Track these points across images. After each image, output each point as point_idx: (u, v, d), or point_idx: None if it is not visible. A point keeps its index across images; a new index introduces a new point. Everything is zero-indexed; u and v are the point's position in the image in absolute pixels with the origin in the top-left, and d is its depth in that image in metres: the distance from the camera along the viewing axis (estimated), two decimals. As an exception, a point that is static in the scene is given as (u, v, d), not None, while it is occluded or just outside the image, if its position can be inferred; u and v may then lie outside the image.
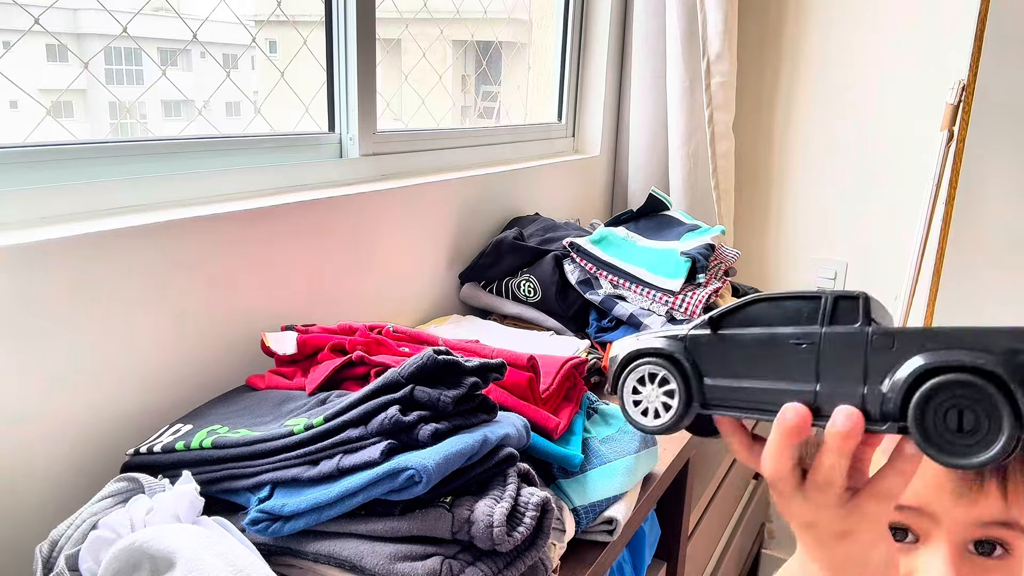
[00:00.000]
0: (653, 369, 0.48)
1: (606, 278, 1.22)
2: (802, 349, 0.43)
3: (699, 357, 0.47)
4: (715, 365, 0.46)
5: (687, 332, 0.48)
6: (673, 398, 0.47)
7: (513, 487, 0.65)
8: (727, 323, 0.47)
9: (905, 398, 0.40)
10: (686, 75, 1.70)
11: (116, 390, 0.80)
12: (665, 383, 0.48)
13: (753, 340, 0.45)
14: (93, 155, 0.83)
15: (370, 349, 0.83)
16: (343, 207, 1.06)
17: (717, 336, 0.47)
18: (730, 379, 0.46)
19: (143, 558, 0.53)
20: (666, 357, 0.48)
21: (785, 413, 0.42)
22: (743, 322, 0.46)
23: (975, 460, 0.38)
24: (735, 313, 0.46)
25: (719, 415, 0.47)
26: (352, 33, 1.11)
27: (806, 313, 0.44)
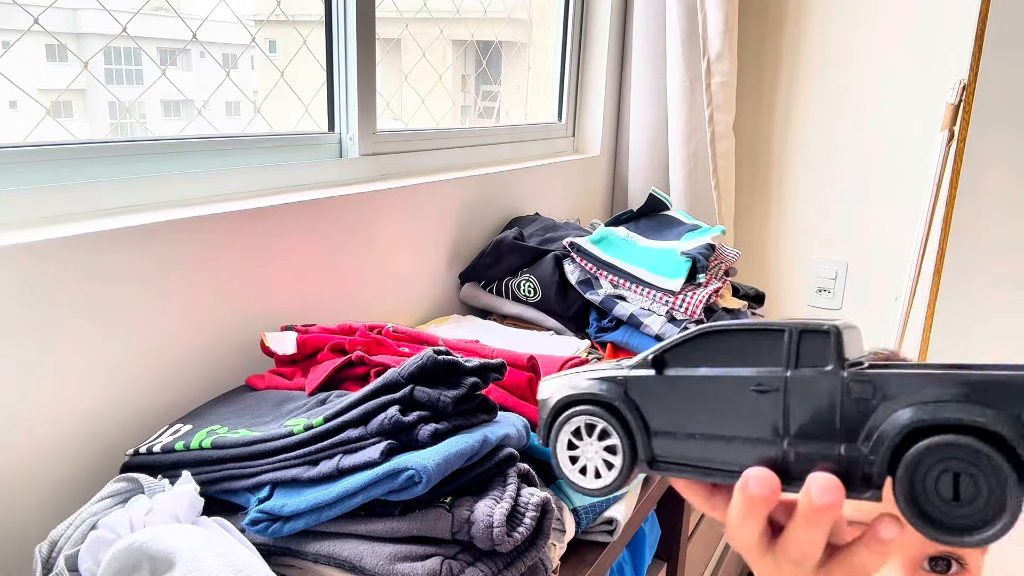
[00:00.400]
0: (590, 420, 0.41)
1: (606, 278, 1.22)
2: (764, 397, 0.36)
3: (643, 404, 0.40)
4: (662, 414, 0.39)
5: (626, 373, 0.40)
6: (615, 455, 0.40)
7: (513, 487, 0.65)
8: (674, 361, 0.39)
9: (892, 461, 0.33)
10: (686, 75, 1.70)
11: (116, 390, 0.80)
12: (605, 436, 0.40)
13: (706, 383, 0.38)
14: (93, 155, 0.83)
15: (370, 349, 0.83)
16: (343, 207, 1.06)
17: (662, 378, 0.39)
18: (682, 431, 0.38)
19: (142, 558, 0.53)
20: (604, 405, 0.40)
21: (748, 481, 0.36)
22: (692, 360, 0.39)
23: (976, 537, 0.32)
24: (682, 349, 0.39)
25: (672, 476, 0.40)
26: (352, 33, 1.11)
27: (767, 350, 0.37)
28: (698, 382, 0.38)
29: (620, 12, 1.80)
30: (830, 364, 0.35)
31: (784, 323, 0.37)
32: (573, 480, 0.42)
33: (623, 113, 1.88)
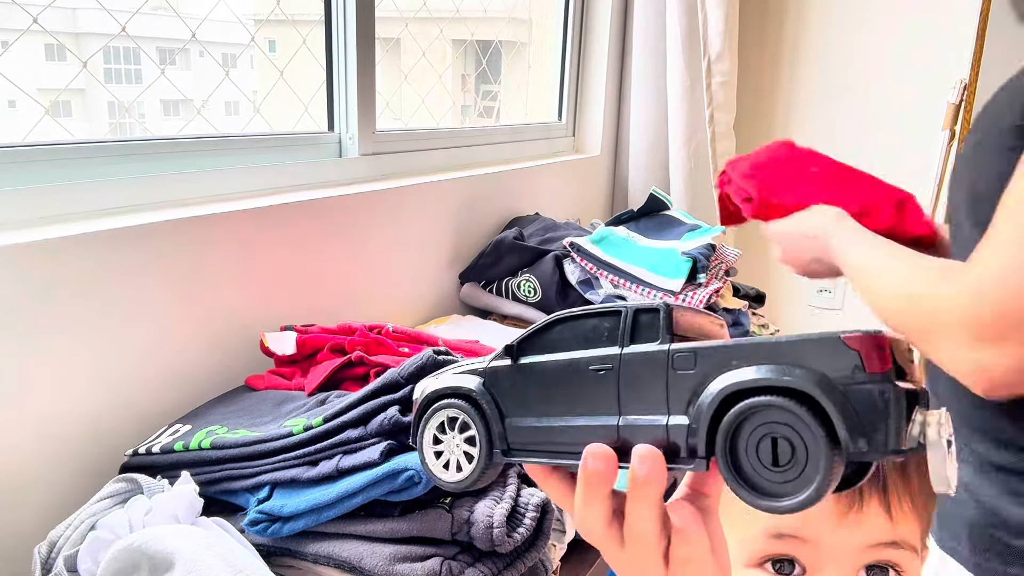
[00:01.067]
0: (452, 413, 0.41)
1: (606, 278, 1.22)
2: (602, 376, 0.37)
3: (499, 394, 0.40)
4: (516, 401, 0.39)
5: (486, 365, 0.41)
6: (474, 446, 0.40)
7: (513, 488, 0.65)
8: (529, 350, 0.39)
9: (711, 428, 0.33)
10: (686, 75, 1.70)
11: (115, 390, 0.79)
12: (466, 428, 0.40)
13: (553, 368, 0.38)
14: (92, 155, 0.83)
15: (370, 349, 0.83)
16: (342, 207, 1.05)
17: (517, 366, 0.39)
18: (532, 418, 0.39)
19: (142, 559, 0.53)
20: (463, 397, 0.41)
21: (586, 458, 0.35)
22: (544, 348, 0.39)
23: (793, 500, 0.31)
24: (536, 338, 0.39)
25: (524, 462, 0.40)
26: (351, 32, 1.10)
27: (607, 332, 0.37)
28: (546, 367, 0.38)
29: (620, 12, 1.80)
30: (659, 338, 0.36)
31: (621, 305, 0.37)
32: (435, 475, 0.41)
33: (623, 113, 1.88)
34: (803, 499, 0.31)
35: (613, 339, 0.37)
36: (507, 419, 0.40)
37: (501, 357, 0.40)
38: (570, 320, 0.39)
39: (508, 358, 0.40)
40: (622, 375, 0.36)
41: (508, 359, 0.40)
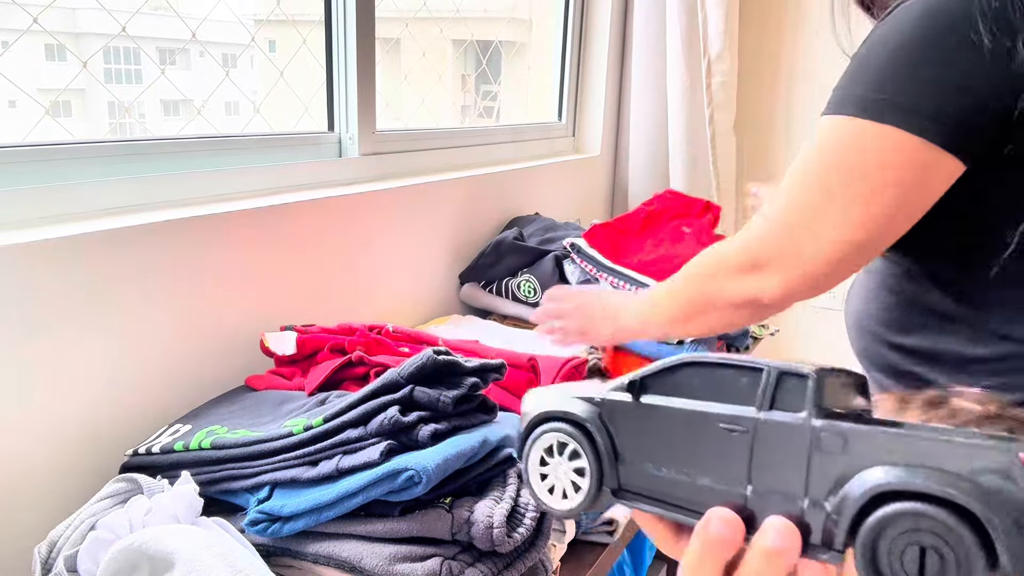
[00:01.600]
0: (562, 438, 0.40)
1: (605, 280, 1.22)
2: (734, 436, 0.34)
3: (616, 429, 0.38)
4: (633, 442, 0.38)
5: (604, 396, 0.39)
6: (583, 477, 0.39)
7: (513, 488, 0.65)
8: (652, 388, 0.38)
9: (854, 524, 0.31)
10: (686, 75, 1.70)
11: (115, 390, 0.79)
12: (576, 457, 0.39)
13: (678, 416, 0.36)
14: (92, 155, 0.83)
15: (370, 349, 0.83)
16: (342, 207, 1.05)
17: (637, 405, 0.38)
18: (649, 463, 0.37)
19: (142, 559, 0.53)
20: (577, 425, 0.39)
21: (710, 522, 0.34)
22: (670, 389, 0.37)
23: None
24: (660, 377, 0.38)
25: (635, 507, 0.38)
26: (352, 32, 1.10)
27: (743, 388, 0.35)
28: (671, 414, 0.37)
29: (620, 12, 1.80)
30: (804, 411, 0.33)
31: (764, 362, 0.35)
32: (540, 498, 0.40)
33: (623, 113, 1.88)
34: None
35: (749, 398, 0.34)
36: (621, 457, 0.38)
37: (620, 390, 0.38)
38: (701, 366, 0.36)
39: (628, 393, 0.38)
40: (757, 441, 0.34)
41: (628, 394, 0.38)
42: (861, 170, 0.66)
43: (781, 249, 0.71)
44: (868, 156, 0.65)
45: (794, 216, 0.70)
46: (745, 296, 0.75)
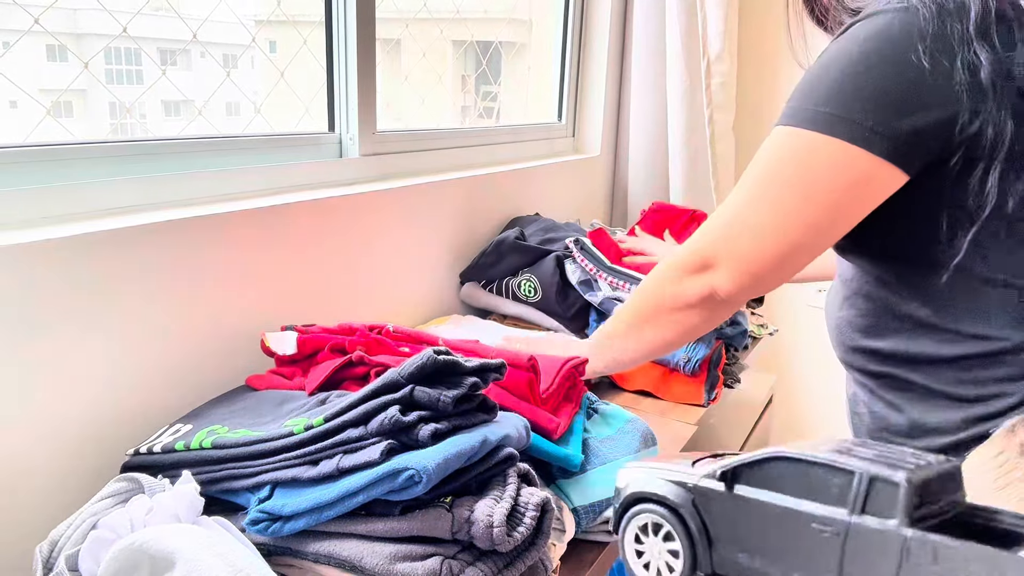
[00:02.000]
0: (656, 520, 0.41)
1: (605, 280, 1.22)
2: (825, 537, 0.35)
3: (709, 517, 0.40)
4: (726, 530, 0.39)
5: (697, 482, 0.40)
6: (677, 559, 0.40)
7: (513, 487, 0.65)
8: (744, 479, 0.39)
9: None
10: (686, 75, 1.70)
11: (116, 390, 0.80)
12: (669, 539, 0.41)
13: (771, 510, 0.37)
14: (93, 155, 0.83)
15: (370, 349, 0.83)
16: (343, 207, 1.06)
17: (731, 496, 0.39)
18: (742, 552, 0.38)
19: (143, 558, 0.53)
20: (671, 510, 0.41)
21: None
22: (761, 482, 0.38)
23: None
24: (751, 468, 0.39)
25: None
26: (352, 33, 1.11)
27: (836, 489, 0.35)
28: (764, 508, 0.37)
29: (620, 12, 1.80)
30: (895, 518, 0.33)
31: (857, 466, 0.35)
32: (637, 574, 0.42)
33: (623, 113, 1.88)
34: None
35: (841, 499, 0.35)
36: (715, 545, 0.39)
37: (712, 478, 0.40)
38: (793, 461, 0.37)
39: (721, 482, 0.39)
40: (848, 544, 0.34)
41: (720, 483, 0.39)
42: (802, 177, 0.70)
43: (727, 249, 0.76)
44: (811, 165, 0.70)
45: (738, 219, 0.76)
46: (700, 292, 0.79)
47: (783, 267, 0.75)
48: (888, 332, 0.78)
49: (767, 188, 0.73)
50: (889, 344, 0.78)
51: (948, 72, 0.64)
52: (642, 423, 0.91)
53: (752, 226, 0.74)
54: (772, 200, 0.73)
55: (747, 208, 0.75)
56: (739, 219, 0.76)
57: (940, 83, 0.64)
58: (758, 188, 0.74)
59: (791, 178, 0.71)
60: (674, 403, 1.14)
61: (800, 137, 0.71)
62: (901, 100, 0.65)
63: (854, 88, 0.67)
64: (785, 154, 0.72)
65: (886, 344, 0.78)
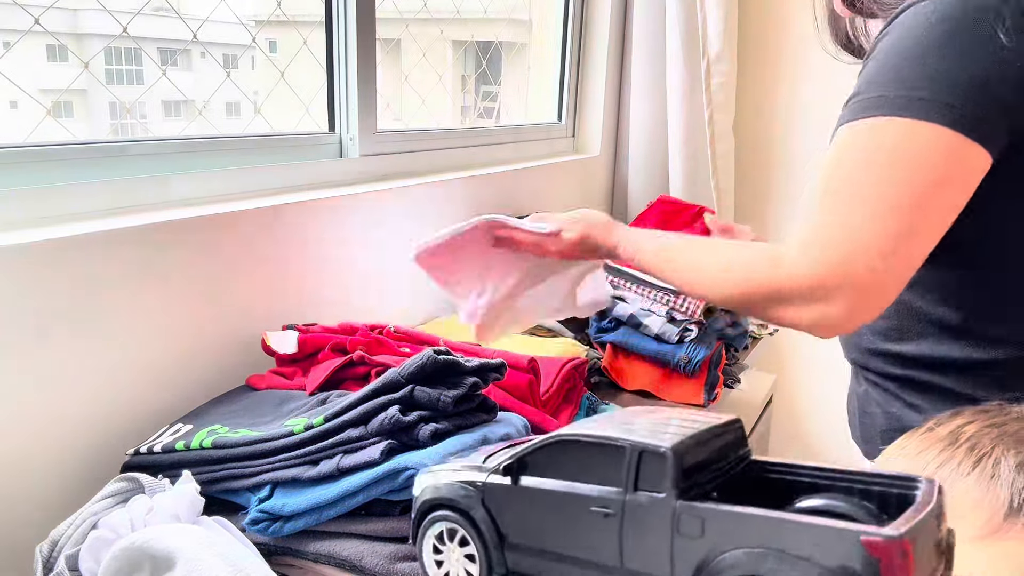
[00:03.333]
0: (450, 525, 0.39)
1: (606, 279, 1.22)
2: (605, 520, 0.33)
3: (498, 514, 0.37)
4: (516, 525, 0.37)
5: (485, 479, 0.38)
6: (474, 563, 0.38)
7: (513, 487, 0.65)
8: (528, 470, 0.37)
9: None
10: (686, 75, 1.70)
11: (116, 390, 0.80)
12: (465, 544, 0.39)
13: (553, 499, 0.36)
14: (93, 155, 0.83)
15: (371, 349, 0.83)
16: (343, 207, 1.06)
17: (516, 488, 0.37)
18: (534, 548, 0.36)
19: (143, 558, 0.53)
20: (462, 512, 0.39)
21: None
22: (544, 469, 0.36)
23: None
24: (536, 457, 0.37)
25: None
26: (352, 33, 1.11)
27: (611, 468, 0.34)
28: (547, 496, 0.36)
29: (620, 12, 1.80)
30: (664, 491, 0.32)
31: (626, 440, 0.33)
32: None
33: (623, 113, 1.88)
34: None
35: (616, 477, 0.33)
36: (507, 542, 0.37)
37: (499, 472, 0.38)
38: (571, 444, 0.36)
39: (507, 475, 0.38)
40: (625, 524, 0.33)
41: (506, 477, 0.38)
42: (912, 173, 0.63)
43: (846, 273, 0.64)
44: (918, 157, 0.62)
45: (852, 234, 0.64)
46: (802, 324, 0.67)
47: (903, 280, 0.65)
48: (912, 336, 0.76)
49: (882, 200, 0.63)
50: (913, 348, 0.76)
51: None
52: (642, 423, 0.91)
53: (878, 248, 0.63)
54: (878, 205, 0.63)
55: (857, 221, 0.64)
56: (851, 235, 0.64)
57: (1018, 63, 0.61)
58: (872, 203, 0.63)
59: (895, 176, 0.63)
60: (674, 403, 1.14)
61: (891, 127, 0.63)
62: (987, 80, 0.61)
63: (933, 69, 0.62)
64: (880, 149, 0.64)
65: (909, 348, 0.76)
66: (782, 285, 0.68)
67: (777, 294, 0.68)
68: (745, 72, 1.90)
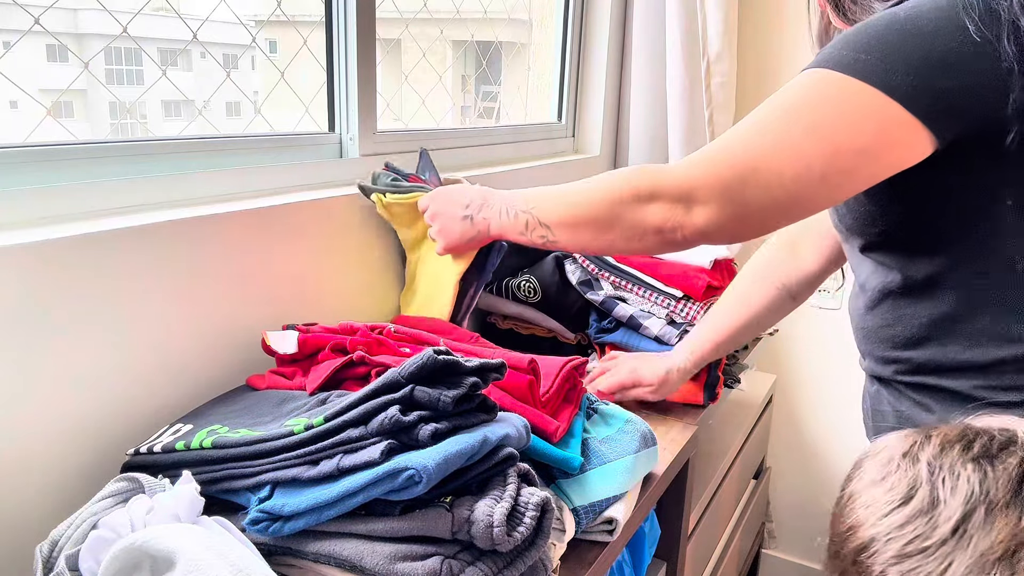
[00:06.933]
0: None
1: (607, 279, 1.22)
2: None
3: None
4: None
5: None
6: None
7: (513, 487, 0.65)
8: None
9: None
10: (686, 75, 1.70)
11: (116, 390, 0.80)
12: None
13: None
14: (93, 155, 0.83)
15: (371, 349, 0.83)
16: (343, 207, 1.06)
17: None
18: None
19: (143, 558, 0.53)
20: None
21: None
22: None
23: None
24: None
25: None
26: (352, 33, 1.11)
27: None
28: None
29: (620, 12, 1.81)
30: None
31: None
32: None
33: (623, 113, 1.88)
34: None
35: None
36: None
37: None
38: None
39: None
40: None
41: None
42: (827, 120, 0.64)
43: (722, 186, 0.67)
44: (840, 108, 0.64)
45: (744, 157, 0.67)
46: (664, 224, 0.72)
47: (774, 218, 0.68)
48: (918, 343, 0.76)
49: (783, 127, 0.66)
50: (919, 354, 0.76)
51: (995, 45, 0.61)
52: (642, 423, 0.91)
53: (755, 165, 0.66)
54: (787, 140, 0.65)
55: (753, 145, 0.67)
56: (740, 155, 0.67)
57: (987, 53, 0.61)
58: (772, 126, 0.67)
59: (814, 119, 0.65)
60: (674, 403, 1.14)
61: (831, 79, 0.65)
62: (945, 63, 0.62)
63: (898, 44, 0.63)
64: (811, 94, 0.66)
65: (916, 354, 0.76)
66: (659, 182, 0.72)
67: (653, 188, 0.72)
68: (745, 72, 1.90)
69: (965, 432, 0.50)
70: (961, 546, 0.44)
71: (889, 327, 0.78)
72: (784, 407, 2.07)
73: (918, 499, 0.46)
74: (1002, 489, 0.45)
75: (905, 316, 0.76)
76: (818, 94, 0.66)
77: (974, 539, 0.44)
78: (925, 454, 0.49)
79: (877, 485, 0.49)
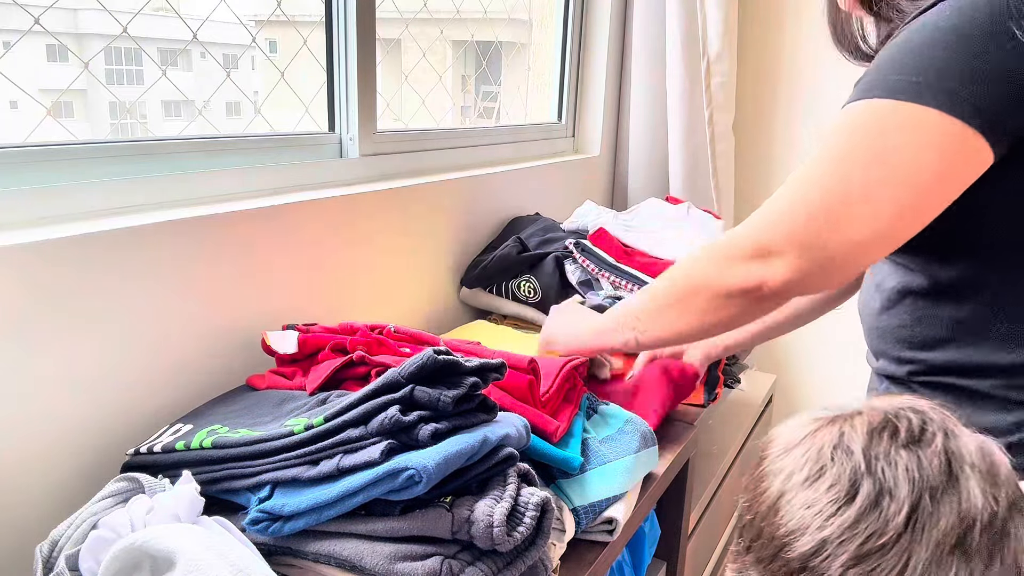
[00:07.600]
0: None
1: (607, 279, 1.22)
2: None
3: None
4: None
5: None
6: None
7: (513, 487, 0.65)
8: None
9: None
10: (686, 75, 1.70)
11: (116, 390, 0.80)
12: None
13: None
14: (93, 155, 0.83)
15: (371, 349, 0.83)
16: (343, 207, 1.06)
17: None
18: None
19: (143, 558, 0.53)
20: None
21: None
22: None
23: None
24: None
25: None
26: (352, 33, 1.11)
27: None
28: None
29: (620, 12, 1.81)
30: None
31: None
32: None
33: (623, 113, 1.88)
34: None
35: None
36: None
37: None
38: None
39: None
40: None
41: None
42: (894, 153, 0.63)
43: (797, 236, 0.66)
44: (903, 138, 0.62)
45: (815, 202, 0.66)
46: (745, 283, 0.70)
47: (856, 262, 0.66)
48: (938, 344, 0.74)
49: (847, 167, 0.64)
50: (938, 355, 0.74)
51: None
52: (642, 423, 0.91)
53: (829, 210, 0.64)
54: (855, 180, 0.64)
55: (824, 189, 0.65)
56: (814, 202, 0.65)
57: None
58: (832, 167, 0.65)
59: (874, 153, 0.63)
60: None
61: (882, 108, 0.63)
62: (996, 72, 0.60)
63: (945, 58, 0.61)
64: (865, 128, 0.64)
65: (935, 355, 0.74)
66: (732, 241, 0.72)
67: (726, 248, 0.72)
68: (745, 72, 1.90)
69: (886, 417, 0.48)
70: (916, 538, 0.43)
71: (907, 328, 0.77)
72: (784, 407, 2.07)
73: (863, 494, 0.45)
74: (936, 473, 0.45)
75: (926, 317, 0.75)
76: (879, 125, 0.64)
77: (926, 528, 0.43)
78: (857, 444, 0.47)
79: (813, 483, 0.47)
